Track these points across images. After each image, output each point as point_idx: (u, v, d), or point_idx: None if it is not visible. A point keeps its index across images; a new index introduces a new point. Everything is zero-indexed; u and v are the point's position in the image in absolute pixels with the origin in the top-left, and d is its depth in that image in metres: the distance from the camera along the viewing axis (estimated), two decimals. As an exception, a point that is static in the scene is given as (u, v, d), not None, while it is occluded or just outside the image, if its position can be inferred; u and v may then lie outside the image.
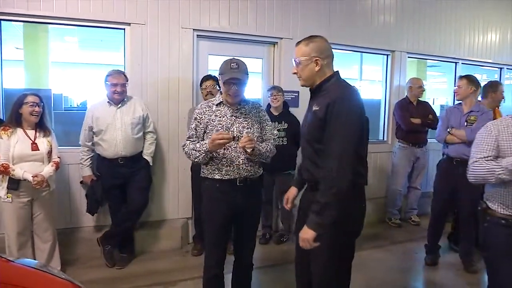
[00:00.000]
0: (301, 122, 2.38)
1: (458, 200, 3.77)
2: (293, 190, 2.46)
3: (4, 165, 2.99)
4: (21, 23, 5.02)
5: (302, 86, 2.19)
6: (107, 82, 3.57)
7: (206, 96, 3.88)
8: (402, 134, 5.01)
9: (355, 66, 8.73)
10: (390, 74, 5.49)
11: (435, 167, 4.07)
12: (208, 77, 3.99)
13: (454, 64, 6.13)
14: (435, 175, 4.03)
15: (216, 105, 2.60)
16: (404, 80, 5.49)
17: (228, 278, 2.75)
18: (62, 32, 7.38)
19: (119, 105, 3.62)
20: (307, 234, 1.95)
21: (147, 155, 3.83)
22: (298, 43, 2.14)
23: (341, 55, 6.04)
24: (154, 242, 4.10)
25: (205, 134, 2.57)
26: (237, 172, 2.51)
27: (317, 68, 2.06)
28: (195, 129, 2.60)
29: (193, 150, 2.53)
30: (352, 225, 2.11)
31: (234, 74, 2.47)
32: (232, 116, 2.57)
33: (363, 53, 5.65)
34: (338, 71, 2.14)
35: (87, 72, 11.06)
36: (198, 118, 2.60)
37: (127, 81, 3.63)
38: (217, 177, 2.53)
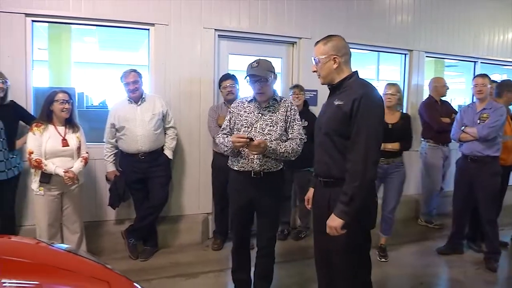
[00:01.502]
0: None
1: (475, 197, 3.84)
2: (310, 192, 2.55)
3: (38, 160, 3.14)
4: (46, 24, 5.19)
5: (322, 84, 2.31)
6: (122, 82, 3.74)
7: (227, 95, 3.98)
8: (431, 134, 4.90)
9: (372, 66, 8.79)
10: (408, 73, 5.51)
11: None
12: (226, 77, 4.07)
13: (472, 63, 6.10)
14: (454, 173, 4.10)
15: (248, 101, 2.78)
16: (422, 80, 5.52)
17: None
18: (83, 32, 7.59)
19: (139, 103, 3.76)
20: (334, 222, 2.07)
21: (168, 149, 3.94)
22: (317, 42, 2.27)
23: (358, 55, 6.10)
24: (176, 236, 4.22)
25: (234, 128, 2.76)
26: (251, 166, 2.70)
27: (335, 66, 2.18)
28: (229, 122, 2.81)
29: (222, 143, 2.75)
30: (368, 216, 2.23)
31: (253, 71, 2.63)
32: (258, 113, 2.72)
33: (380, 53, 5.69)
34: (357, 70, 2.25)
35: (106, 72, 11.30)
36: (232, 112, 2.82)
37: (141, 77, 3.76)
38: (235, 168, 2.77)
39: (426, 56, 5.60)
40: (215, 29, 4.35)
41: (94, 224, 4.02)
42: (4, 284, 1.41)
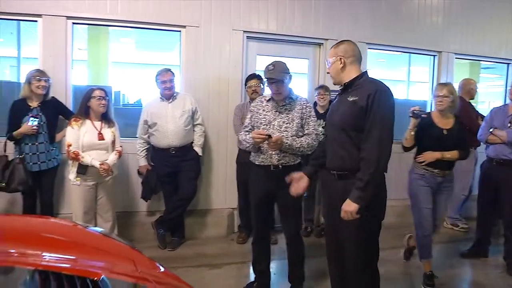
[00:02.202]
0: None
1: (500, 201, 3.79)
2: (305, 178, 2.62)
3: (75, 152, 3.38)
4: (86, 26, 5.50)
5: (334, 84, 2.51)
6: (157, 81, 3.94)
7: (251, 94, 4.11)
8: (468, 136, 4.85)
9: (403, 68, 8.71)
10: (437, 75, 5.49)
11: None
12: (252, 76, 4.20)
13: (506, 65, 5.99)
14: (479, 176, 4.06)
15: (267, 100, 2.97)
16: (451, 81, 5.47)
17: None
18: (120, 34, 7.93)
19: (170, 100, 3.97)
20: (350, 206, 2.20)
21: (197, 146, 4.12)
22: (331, 48, 2.48)
23: (388, 56, 6.11)
24: (202, 229, 4.40)
25: (254, 126, 2.96)
26: (270, 160, 2.88)
27: (340, 66, 2.36)
28: (250, 120, 3.01)
29: (244, 140, 2.96)
30: (380, 207, 2.38)
31: (269, 74, 2.85)
32: (276, 111, 2.90)
33: (411, 54, 5.67)
34: (366, 71, 2.42)
35: (142, 72, 11.68)
36: (252, 110, 3.02)
37: (174, 76, 3.97)
38: (256, 163, 2.96)
39: (456, 58, 5.55)
40: (243, 31, 4.52)
41: (126, 214, 4.25)
42: (44, 256, 1.59)
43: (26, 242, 1.72)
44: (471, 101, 4.97)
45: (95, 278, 1.44)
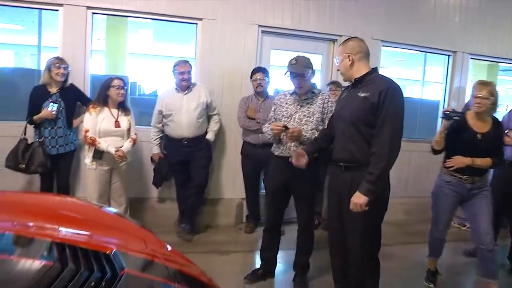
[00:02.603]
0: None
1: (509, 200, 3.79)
2: (305, 155, 2.73)
3: (92, 138, 3.52)
4: (105, 17, 5.63)
5: (344, 80, 2.61)
6: (175, 71, 4.00)
7: (256, 88, 4.19)
8: None
9: (419, 67, 8.67)
10: (451, 75, 5.48)
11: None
12: (257, 70, 4.26)
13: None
14: (491, 177, 4.06)
15: (290, 94, 3.08)
16: (465, 82, 5.47)
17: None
18: (139, 25, 8.06)
19: (186, 92, 4.04)
20: (360, 199, 2.29)
21: (212, 131, 4.23)
22: (339, 45, 2.57)
23: (404, 55, 6.09)
24: (212, 217, 4.53)
25: (277, 118, 3.07)
26: (288, 152, 2.95)
27: (349, 63, 2.43)
28: (273, 112, 3.13)
29: (267, 132, 3.08)
30: (385, 199, 2.47)
31: (291, 68, 2.91)
32: (298, 105, 3.00)
33: (428, 55, 5.67)
34: (376, 67, 2.49)
35: (159, 63, 11.83)
36: (275, 103, 3.14)
37: (191, 68, 4.04)
38: (276, 154, 3.06)
39: (472, 58, 5.53)
40: (258, 25, 4.59)
41: (138, 200, 4.38)
42: (60, 231, 1.70)
43: (44, 217, 1.83)
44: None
45: (108, 252, 1.54)
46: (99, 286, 1.28)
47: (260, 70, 4.23)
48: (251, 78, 4.29)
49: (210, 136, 4.22)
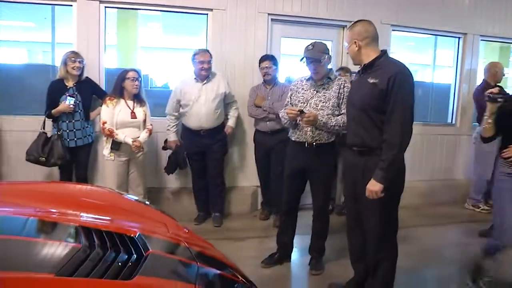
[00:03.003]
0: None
1: None
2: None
3: (110, 129, 3.61)
4: (115, 10, 5.71)
5: (354, 64, 2.63)
6: (194, 60, 4.00)
7: (264, 76, 4.22)
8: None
9: (429, 51, 8.60)
10: (462, 57, 5.45)
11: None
12: (264, 58, 4.25)
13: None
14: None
15: (306, 79, 3.13)
16: (476, 64, 5.44)
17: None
18: (149, 18, 8.12)
19: (205, 82, 4.05)
20: (375, 186, 2.33)
21: (233, 117, 4.33)
22: (348, 29, 2.61)
23: (414, 39, 6.06)
24: (227, 205, 4.59)
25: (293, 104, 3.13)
26: (304, 137, 3.02)
27: (356, 49, 2.45)
28: (290, 98, 3.18)
29: (283, 117, 3.12)
30: (401, 181, 2.50)
31: (307, 54, 2.97)
32: (314, 90, 3.05)
33: (438, 38, 5.65)
34: (385, 50, 2.49)
35: (169, 56, 11.91)
36: (292, 89, 3.20)
37: (212, 58, 4.04)
38: (292, 139, 3.13)
39: (482, 40, 5.49)
40: (268, 13, 4.62)
41: (155, 190, 4.47)
42: (82, 217, 1.76)
43: (66, 204, 1.90)
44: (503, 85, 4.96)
45: (132, 235, 1.61)
46: (125, 266, 1.35)
47: (267, 58, 4.23)
48: (259, 66, 4.29)
49: (231, 122, 4.28)
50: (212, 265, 1.66)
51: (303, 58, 3.00)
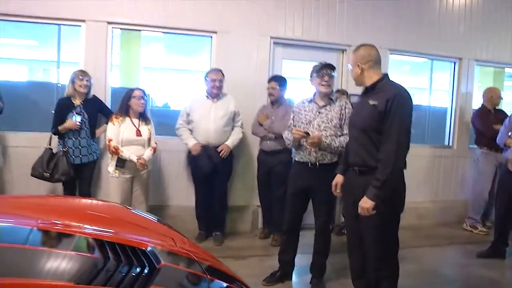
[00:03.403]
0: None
1: None
2: (340, 178, 2.87)
3: (116, 147, 3.68)
4: (119, 31, 5.84)
5: (356, 85, 2.74)
6: (207, 78, 4.14)
7: (269, 96, 4.35)
8: (485, 141, 4.99)
9: (425, 74, 8.76)
10: (457, 81, 5.60)
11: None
12: (272, 78, 4.38)
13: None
14: (498, 179, 4.19)
15: (309, 101, 3.23)
16: (472, 88, 5.59)
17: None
18: (150, 39, 8.25)
19: (215, 100, 4.17)
20: (367, 203, 2.39)
21: (232, 136, 4.24)
22: (353, 52, 2.68)
23: (411, 63, 6.20)
24: (229, 224, 4.62)
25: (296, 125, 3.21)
26: (308, 158, 3.11)
27: (359, 72, 2.56)
28: (292, 120, 3.28)
29: (286, 138, 3.24)
30: (400, 200, 2.54)
31: (325, 63, 3.15)
32: (316, 111, 3.15)
33: (434, 62, 5.80)
34: (387, 73, 2.60)
35: (169, 76, 12.04)
36: (294, 111, 3.30)
37: (224, 77, 4.17)
38: (296, 159, 3.22)
39: (477, 65, 5.65)
40: (270, 37, 4.77)
41: (157, 207, 4.49)
42: (85, 228, 1.79)
43: (70, 216, 1.95)
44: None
45: (144, 248, 1.66)
46: (139, 277, 1.39)
47: (273, 79, 4.34)
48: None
49: (229, 141, 4.21)
50: (221, 278, 1.70)
51: (321, 68, 3.10)
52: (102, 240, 1.65)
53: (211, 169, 4.15)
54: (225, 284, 1.66)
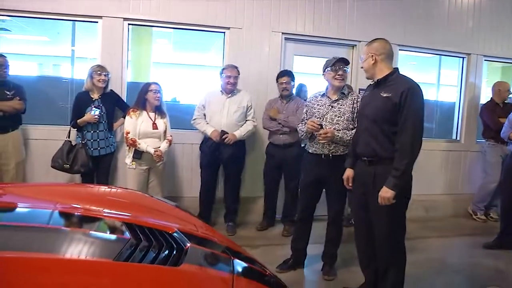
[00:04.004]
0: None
1: None
2: (350, 172, 2.97)
3: (133, 139, 3.81)
4: (131, 27, 5.95)
5: (366, 78, 2.81)
6: (222, 74, 4.25)
7: (282, 91, 4.40)
8: (491, 133, 5.14)
9: (434, 70, 8.81)
10: (466, 77, 5.68)
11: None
12: (283, 73, 4.45)
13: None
14: (502, 170, 4.28)
15: (321, 95, 3.32)
16: (480, 83, 5.66)
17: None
18: (161, 35, 8.36)
19: (229, 95, 4.28)
20: (388, 193, 2.51)
21: (239, 131, 4.26)
22: (365, 45, 2.78)
23: (419, 58, 6.27)
24: (240, 214, 4.75)
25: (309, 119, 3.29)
26: (321, 150, 3.21)
27: (372, 62, 2.66)
28: (305, 114, 3.37)
29: (300, 130, 3.34)
30: (409, 189, 2.66)
31: (342, 58, 3.20)
32: (329, 105, 3.24)
33: (442, 58, 5.87)
34: (397, 67, 2.70)
35: (178, 72, 12.16)
36: (307, 105, 3.40)
37: (239, 74, 4.28)
38: (310, 151, 3.32)
39: (485, 60, 5.72)
40: (282, 33, 4.87)
41: (172, 198, 4.59)
42: (104, 213, 1.89)
43: (91, 201, 2.07)
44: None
45: (170, 232, 1.77)
46: (169, 258, 1.50)
47: (286, 74, 4.42)
48: (277, 81, 4.48)
49: (237, 132, 4.23)
50: (243, 260, 1.81)
51: (334, 62, 3.17)
52: (133, 223, 1.77)
53: (216, 155, 4.26)
54: (248, 264, 1.77)
